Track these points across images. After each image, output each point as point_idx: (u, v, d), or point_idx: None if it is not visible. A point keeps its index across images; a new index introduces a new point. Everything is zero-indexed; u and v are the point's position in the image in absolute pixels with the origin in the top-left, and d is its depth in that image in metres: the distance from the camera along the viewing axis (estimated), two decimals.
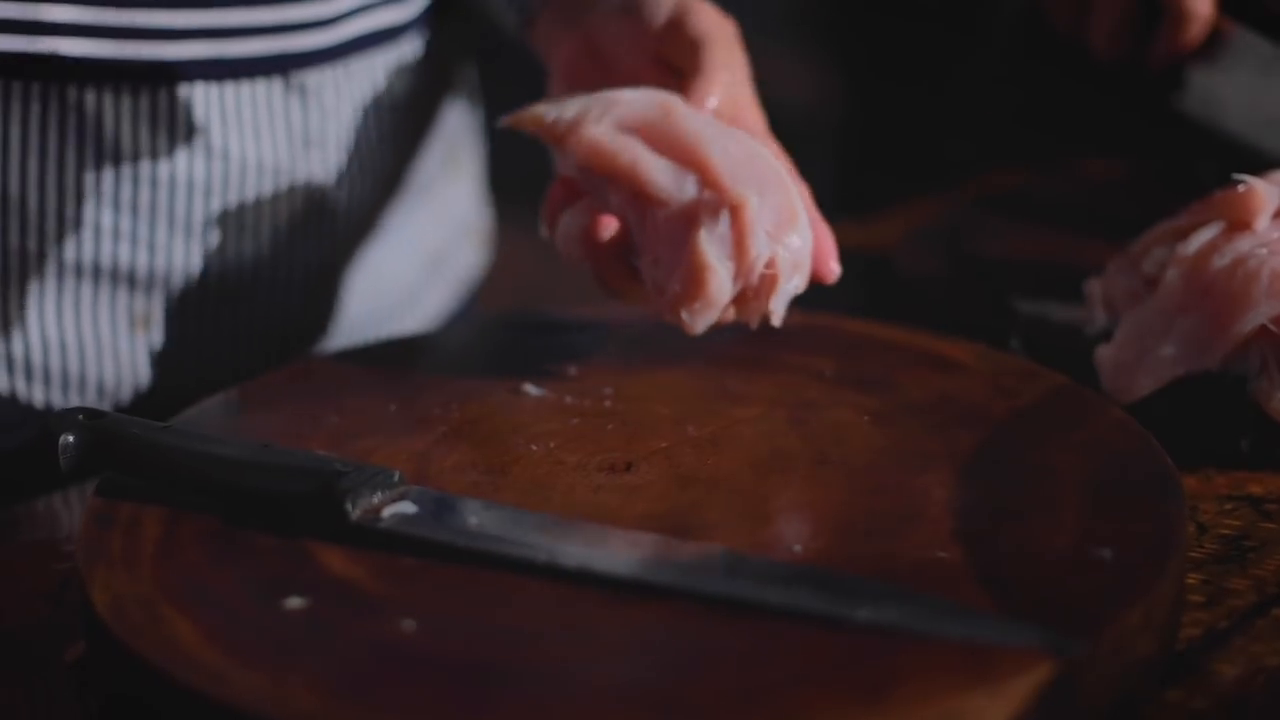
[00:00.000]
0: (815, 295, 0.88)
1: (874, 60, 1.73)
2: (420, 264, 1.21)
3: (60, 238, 1.00)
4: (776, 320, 0.84)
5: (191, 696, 0.64)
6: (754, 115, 0.92)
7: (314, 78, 1.04)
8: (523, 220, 1.08)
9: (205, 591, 0.70)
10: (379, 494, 0.74)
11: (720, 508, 0.76)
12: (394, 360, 0.95)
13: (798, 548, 0.72)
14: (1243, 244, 0.88)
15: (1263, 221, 0.89)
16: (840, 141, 1.80)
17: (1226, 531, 0.81)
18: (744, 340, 0.88)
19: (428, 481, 0.78)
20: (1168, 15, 1.16)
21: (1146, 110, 1.27)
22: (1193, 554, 0.79)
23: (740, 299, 0.84)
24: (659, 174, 0.84)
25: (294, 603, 0.69)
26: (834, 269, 0.87)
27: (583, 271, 0.88)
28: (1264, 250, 0.87)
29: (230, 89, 1.01)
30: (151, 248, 1.02)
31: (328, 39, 1.04)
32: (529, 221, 0.94)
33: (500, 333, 1.00)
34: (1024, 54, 1.49)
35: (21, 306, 1.02)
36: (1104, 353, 0.91)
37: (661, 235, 0.83)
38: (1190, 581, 0.76)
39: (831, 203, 0.90)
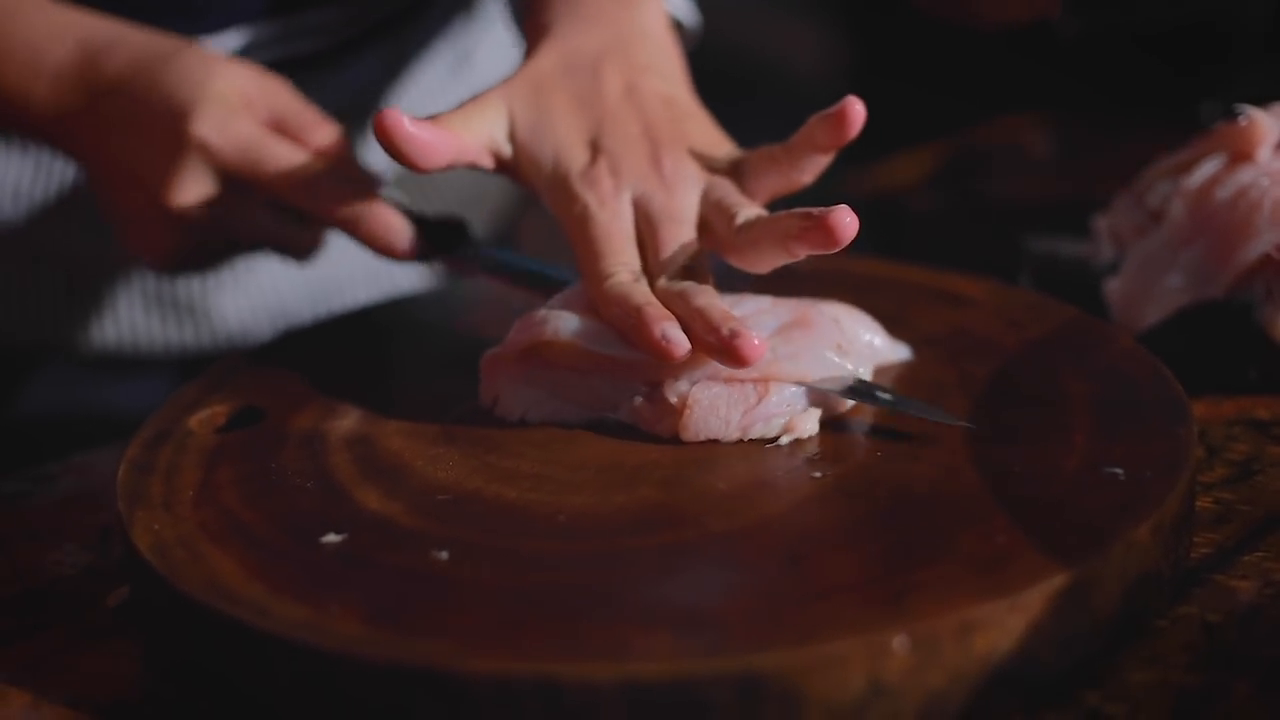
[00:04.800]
0: None
1: (880, 10, 1.74)
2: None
3: None
4: None
5: (236, 629, 0.66)
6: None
7: None
8: None
9: (244, 530, 0.72)
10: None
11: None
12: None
13: (817, 474, 0.74)
14: (1245, 175, 0.90)
15: (1264, 153, 0.91)
16: (849, 88, 1.81)
17: (1235, 455, 0.83)
18: (761, 281, 0.90)
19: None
20: None
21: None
22: (1202, 478, 0.80)
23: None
24: None
25: (331, 538, 0.71)
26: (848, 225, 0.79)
27: None
28: (1266, 181, 0.89)
29: None
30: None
31: None
32: None
33: None
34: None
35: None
36: (1112, 285, 0.93)
37: None
38: (1201, 503, 0.78)
39: (842, 154, 0.91)
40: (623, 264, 0.82)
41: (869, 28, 1.80)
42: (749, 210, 0.83)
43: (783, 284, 0.88)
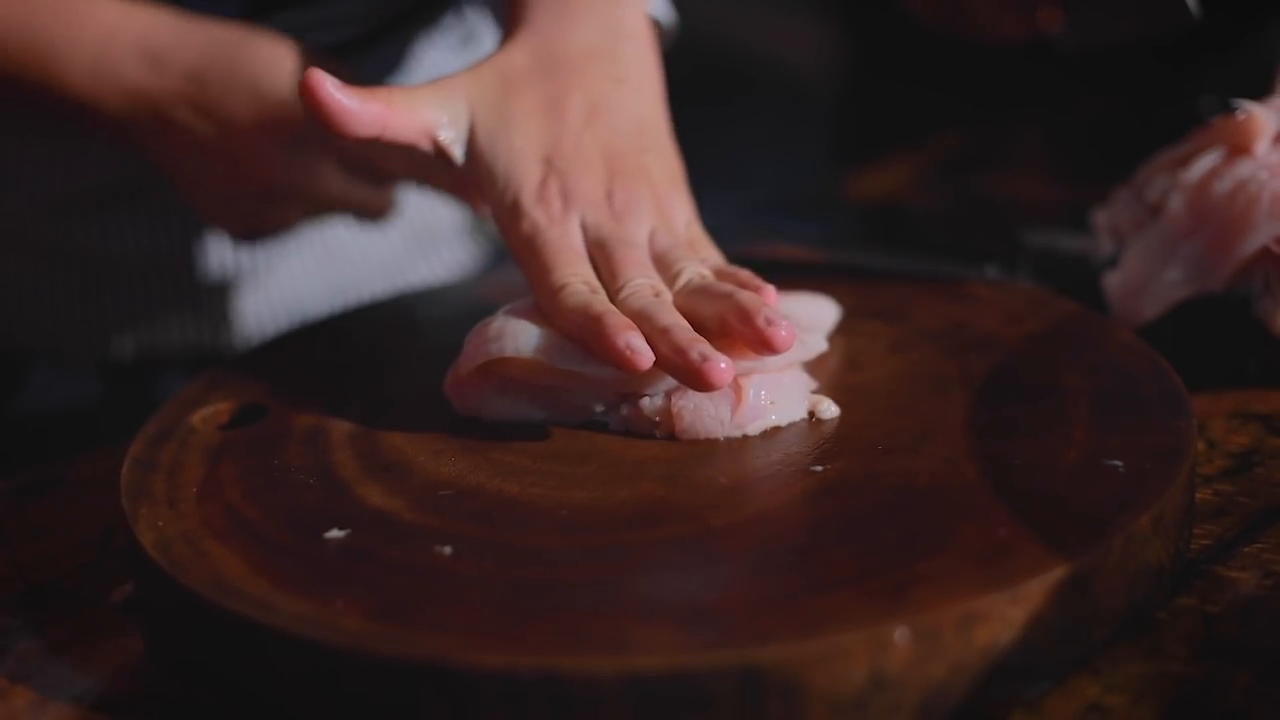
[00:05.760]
0: (832, 235, 0.90)
1: (876, 8, 1.74)
2: (403, 243, 1.23)
3: None
4: None
5: (239, 625, 0.66)
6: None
7: None
8: None
9: (248, 526, 0.73)
10: None
11: None
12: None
13: (818, 468, 0.74)
14: (1243, 169, 0.90)
15: (1262, 146, 0.91)
16: (845, 91, 1.82)
17: (1235, 448, 0.83)
18: (763, 275, 0.90)
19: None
20: None
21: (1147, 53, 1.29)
22: (1203, 470, 0.81)
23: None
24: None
25: (334, 534, 0.71)
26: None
27: None
28: (1264, 174, 0.89)
29: None
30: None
31: None
32: None
33: None
34: None
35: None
36: (1111, 279, 0.93)
37: None
38: (1201, 496, 0.78)
39: (840, 151, 0.91)
40: (575, 274, 0.80)
41: (866, 25, 1.80)
42: (692, 270, 0.81)
43: (788, 277, 0.88)
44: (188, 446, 0.81)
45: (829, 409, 0.79)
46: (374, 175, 1.00)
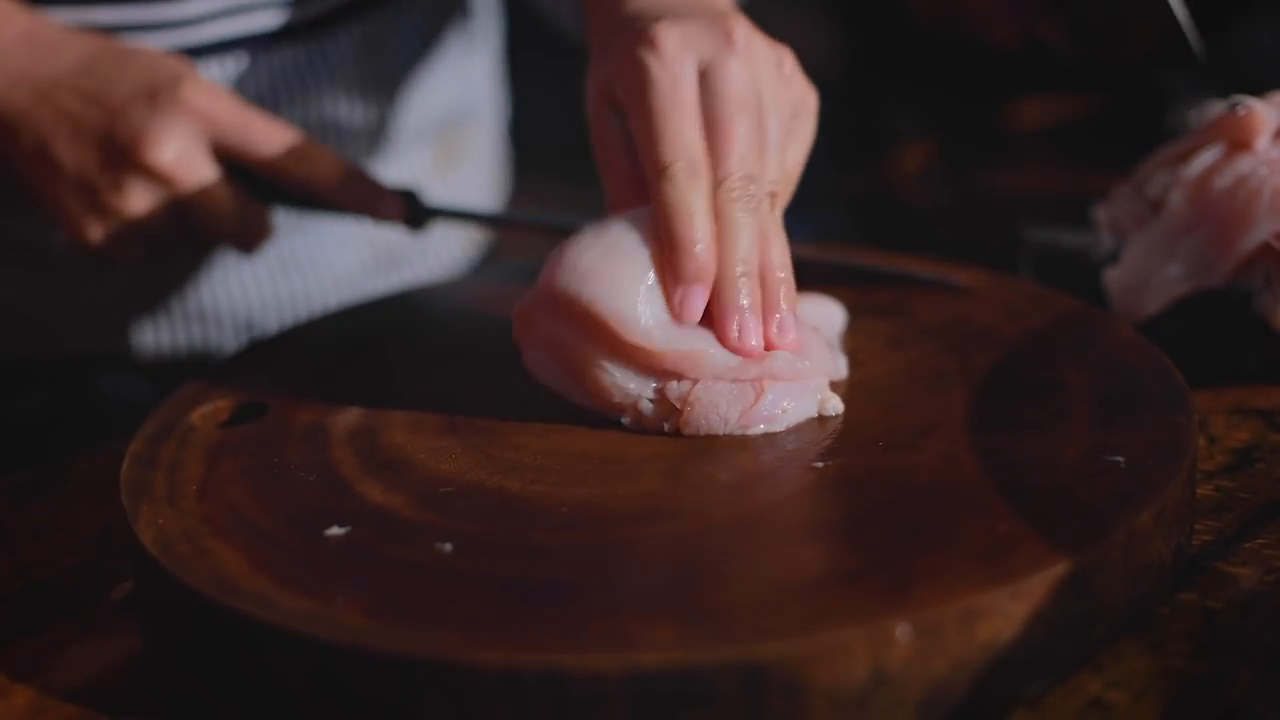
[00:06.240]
0: (830, 231, 0.90)
1: (874, 6, 1.74)
2: (360, 259, 1.22)
3: None
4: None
5: (240, 622, 0.66)
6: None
7: None
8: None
9: (248, 524, 0.72)
10: None
11: None
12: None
13: (819, 464, 0.74)
14: (1244, 164, 0.90)
15: (1263, 142, 0.91)
16: (844, 89, 1.82)
17: (1236, 444, 0.83)
18: None
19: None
20: None
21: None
22: (1204, 466, 0.81)
23: None
24: None
25: (335, 531, 0.71)
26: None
27: None
28: (1264, 170, 0.89)
29: None
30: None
31: (181, 40, 1.06)
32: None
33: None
34: None
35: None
36: (1112, 275, 0.93)
37: None
38: (1202, 491, 0.78)
39: (838, 149, 0.91)
40: (681, 150, 0.78)
41: (864, 23, 1.80)
42: (768, 187, 0.80)
43: None
44: (188, 444, 0.81)
45: (834, 405, 0.79)
46: (262, 193, 0.98)
